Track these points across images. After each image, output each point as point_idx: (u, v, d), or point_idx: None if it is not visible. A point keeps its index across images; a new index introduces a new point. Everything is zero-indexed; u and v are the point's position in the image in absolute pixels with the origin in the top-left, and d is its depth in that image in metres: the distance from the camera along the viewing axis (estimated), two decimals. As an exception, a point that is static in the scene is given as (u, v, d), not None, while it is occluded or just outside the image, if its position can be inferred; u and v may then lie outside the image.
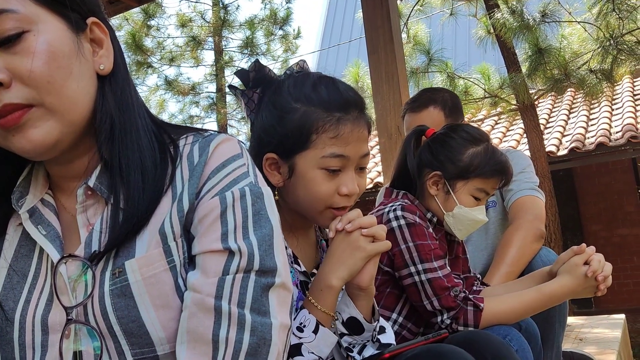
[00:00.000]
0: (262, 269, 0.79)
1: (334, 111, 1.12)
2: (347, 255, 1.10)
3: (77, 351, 0.78)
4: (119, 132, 0.83)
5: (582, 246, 1.50)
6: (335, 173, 1.13)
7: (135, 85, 0.91)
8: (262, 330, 0.76)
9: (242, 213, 0.81)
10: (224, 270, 0.78)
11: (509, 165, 1.64)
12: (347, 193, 1.13)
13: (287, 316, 0.81)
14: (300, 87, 1.15)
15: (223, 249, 0.79)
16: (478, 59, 8.02)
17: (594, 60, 5.65)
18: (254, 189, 0.84)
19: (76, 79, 0.78)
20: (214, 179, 0.83)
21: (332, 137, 1.11)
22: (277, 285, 0.80)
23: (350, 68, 8.22)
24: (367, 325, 1.15)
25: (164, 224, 0.80)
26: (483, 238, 2.27)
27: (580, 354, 2.25)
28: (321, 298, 1.10)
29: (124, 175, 0.81)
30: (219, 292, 0.76)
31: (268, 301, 0.78)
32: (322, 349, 1.09)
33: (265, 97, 1.18)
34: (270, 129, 1.15)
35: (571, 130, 8.09)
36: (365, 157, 1.16)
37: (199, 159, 0.84)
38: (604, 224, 8.63)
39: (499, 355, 1.12)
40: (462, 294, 1.47)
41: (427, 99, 2.27)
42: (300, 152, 1.13)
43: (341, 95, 1.13)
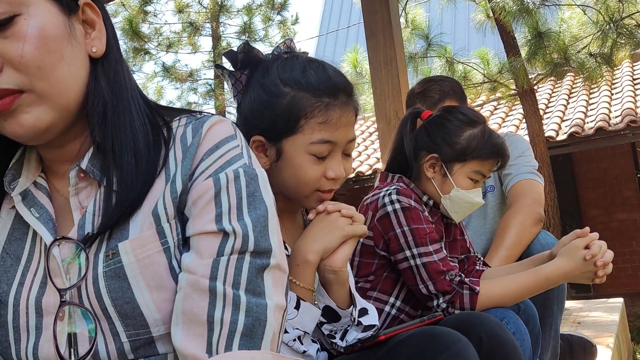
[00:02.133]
0: (256, 250, 0.78)
1: (322, 96, 1.12)
2: (324, 232, 1.11)
3: (72, 333, 0.78)
4: (111, 115, 0.82)
5: (585, 229, 1.50)
6: (322, 158, 1.13)
7: (133, 72, 0.89)
8: (257, 311, 0.76)
9: (236, 194, 0.81)
10: (218, 252, 0.77)
11: (506, 147, 1.63)
12: (334, 177, 1.14)
13: (283, 297, 0.81)
14: (289, 70, 1.15)
15: (217, 230, 0.78)
16: (477, 43, 7.98)
17: (594, 44, 5.62)
18: (248, 170, 0.83)
19: (67, 63, 0.77)
20: (207, 160, 0.82)
21: (321, 122, 1.11)
22: (272, 266, 0.80)
23: (348, 53, 8.18)
24: (342, 312, 1.15)
25: (157, 205, 0.80)
26: (482, 223, 2.27)
27: (578, 336, 2.25)
28: (298, 274, 1.10)
29: (117, 157, 0.81)
30: (213, 273, 0.76)
31: (263, 282, 0.78)
32: (307, 323, 1.09)
33: (253, 78, 1.18)
34: (258, 113, 1.15)
35: (570, 115, 8.06)
36: (352, 142, 1.17)
37: (192, 140, 0.83)
38: (602, 209, 8.64)
39: (494, 336, 1.11)
40: (457, 277, 1.47)
41: (440, 92, 2.24)
42: (288, 137, 1.13)
43: (330, 80, 1.13)
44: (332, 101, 1.12)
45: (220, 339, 0.74)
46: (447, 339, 0.96)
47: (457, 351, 0.94)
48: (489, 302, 1.46)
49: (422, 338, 0.98)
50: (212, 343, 0.74)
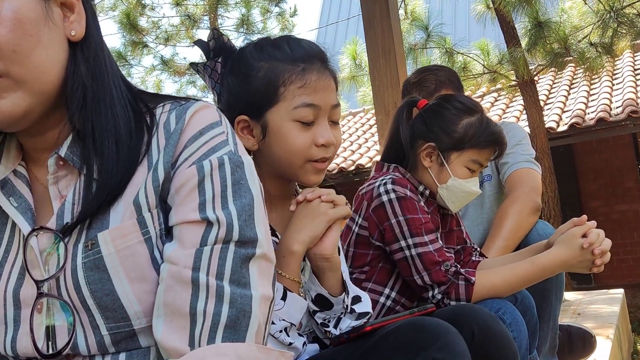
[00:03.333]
0: (241, 240, 0.76)
1: (297, 62, 1.12)
2: (308, 220, 1.10)
3: (50, 326, 0.76)
4: (91, 101, 0.79)
5: (582, 218, 1.47)
6: (309, 125, 1.13)
7: (131, 65, 0.86)
8: (241, 302, 0.73)
9: (220, 182, 0.78)
10: (201, 241, 0.75)
11: (503, 135, 1.60)
12: (324, 143, 1.13)
13: (269, 288, 0.78)
14: (261, 48, 1.16)
15: (201, 219, 0.76)
16: (478, 35, 7.93)
17: (594, 33, 5.57)
18: (233, 157, 0.80)
19: (45, 47, 0.75)
20: (190, 147, 0.79)
21: (300, 86, 1.11)
22: (258, 256, 0.77)
23: (347, 45, 8.13)
24: (334, 300, 1.14)
25: (139, 194, 0.77)
26: (479, 212, 2.24)
27: (577, 327, 2.23)
28: (284, 265, 1.08)
29: (97, 144, 0.78)
30: (196, 263, 0.74)
31: (248, 272, 0.75)
32: (293, 314, 1.07)
33: (228, 64, 1.18)
34: (237, 91, 1.15)
35: (571, 105, 8.02)
36: (336, 108, 1.16)
37: (175, 127, 0.81)
38: (603, 200, 8.61)
39: (486, 328, 1.09)
40: (453, 268, 1.45)
41: (436, 82, 2.21)
42: (270, 108, 1.12)
43: (303, 48, 1.15)
44: (308, 66, 1.12)
45: (203, 331, 0.72)
46: (436, 330, 0.93)
47: (445, 343, 0.91)
48: (485, 292, 1.44)
49: (410, 329, 0.95)
50: (194, 336, 0.72)
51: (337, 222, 1.13)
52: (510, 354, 1.13)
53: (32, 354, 0.76)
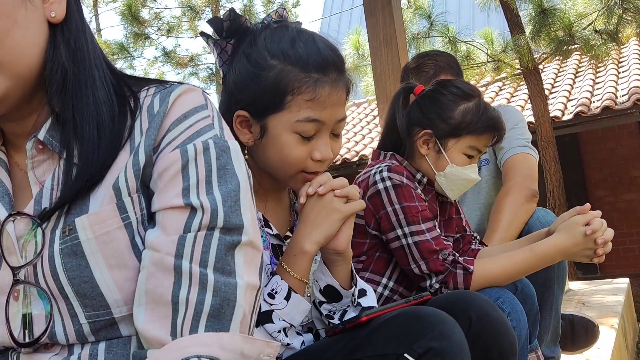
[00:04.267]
0: (226, 226, 0.73)
1: (311, 72, 1.05)
2: (322, 218, 1.05)
3: (27, 314, 0.74)
4: (71, 84, 0.77)
5: (586, 206, 1.44)
6: (309, 139, 1.07)
7: (134, 57, 0.84)
8: (225, 291, 0.71)
9: (205, 167, 0.75)
10: (185, 228, 0.72)
11: (502, 121, 1.57)
12: (320, 159, 1.08)
13: (256, 276, 0.76)
14: (277, 41, 1.07)
15: (184, 204, 0.73)
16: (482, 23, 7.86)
17: (599, 20, 5.50)
18: (219, 141, 0.78)
19: (22, 29, 0.72)
20: (174, 130, 0.77)
21: (308, 99, 1.04)
22: (244, 244, 0.74)
23: (350, 35, 8.08)
24: (345, 292, 1.11)
25: (119, 178, 0.75)
26: (476, 198, 2.21)
27: (580, 316, 2.20)
28: (294, 264, 1.05)
29: (78, 129, 0.76)
30: (179, 250, 0.71)
31: (233, 260, 0.73)
32: (294, 316, 1.04)
33: (240, 48, 1.11)
34: (243, 86, 1.08)
35: (577, 94, 7.95)
36: (341, 122, 1.11)
37: (159, 109, 0.78)
38: (609, 190, 8.54)
39: (484, 315, 1.06)
40: (451, 256, 1.42)
41: (435, 67, 2.17)
42: (273, 113, 1.06)
43: (320, 54, 1.06)
44: (321, 77, 1.05)
45: (185, 320, 0.70)
46: (432, 320, 0.90)
47: (442, 332, 0.89)
48: (484, 281, 1.41)
49: (406, 319, 0.92)
50: (176, 325, 0.70)
51: (351, 216, 1.08)
52: (508, 341, 1.10)
53: (8, 343, 0.74)
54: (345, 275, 1.11)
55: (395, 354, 0.90)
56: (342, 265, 1.10)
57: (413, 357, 0.88)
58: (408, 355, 0.89)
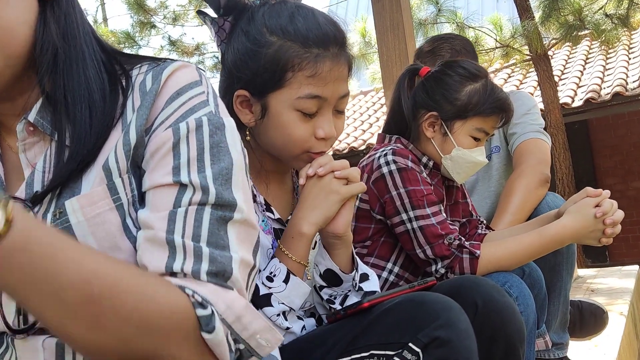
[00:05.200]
0: (218, 203, 0.70)
1: (312, 47, 1.02)
2: (320, 199, 1.03)
3: None
4: (62, 63, 0.74)
5: (598, 190, 1.41)
6: (311, 116, 1.04)
7: (140, 46, 0.81)
8: (222, 262, 0.67)
9: (197, 145, 0.72)
10: (175, 204, 0.69)
11: (510, 101, 1.53)
12: (323, 137, 1.05)
13: (250, 254, 0.72)
14: (276, 17, 1.04)
15: (173, 182, 0.70)
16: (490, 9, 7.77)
17: (610, 5, 5.41)
18: (213, 119, 0.75)
19: (11, 7, 0.70)
20: (167, 109, 0.74)
21: (309, 75, 1.02)
22: (237, 220, 0.71)
23: (357, 23, 8.02)
24: (345, 277, 1.09)
25: (109, 158, 0.72)
26: (486, 185, 2.18)
27: (588, 303, 2.17)
28: (292, 246, 1.03)
29: (70, 109, 0.74)
30: (170, 226, 0.68)
31: (227, 235, 0.69)
32: (293, 299, 1.02)
33: (238, 26, 1.08)
34: (242, 64, 1.06)
35: (587, 80, 7.86)
36: (344, 98, 1.08)
37: (151, 87, 0.75)
38: (619, 177, 8.46)
39: (490, 300, 1.03)
40: (457, 241, 1.39)
41: (452, 50, 2.11)
42: (274, 91, 1.04)
43: (320, 29, 1.03)
44: (322, 52, 1.02)
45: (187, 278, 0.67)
46: (437, 307, 0.88)
47: (448, 320, 0.86)
48: (491, 266, 1.38)
49: (410, 306, 0.90)
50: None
51: (351, 199, 1.06)
52: (515, 327, 1.08)
53: (2, 329, 0.73)
54: (345, 259, 1.09)
55: (399, 343, 0.88)
56: (342, 249, 1.08)
57: (418, 347, 0.86)
58: (413, 344, 0.87)
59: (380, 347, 0.90)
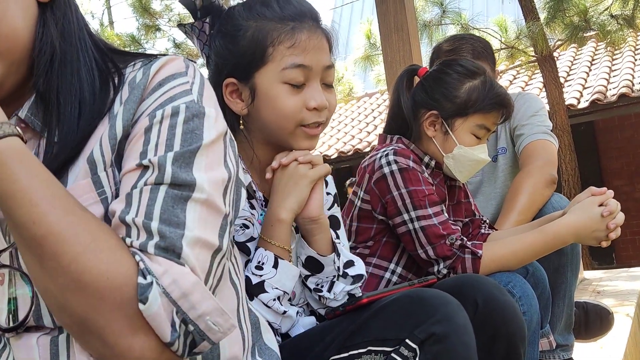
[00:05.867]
0: (174, 182, 0.67)
1: (287, 21, 1.07)
2: (290, 186, 1.07)
3: (13, 298, 0.72)
4: (58, 64, 0.74)
5: (603, 189, 1.41)
6: (299, 87, 1.07)
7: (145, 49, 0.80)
8: (171, 237, 0.64)
9: (168, 130, 0.70)
10: (132, 186, 0.68)
11: (509, 97, 1.52)
12: (315, 106, 1.07)
13: (215, 236, 0.68)
14: (249, 7, 1.10)
15: (136, 166, 0.69)
16: (496, 11, 7.75)
17: (615, 5, 5.39)
18: (193, 106, 0.73)
19: (12, 15, 0.70)
20: (148, 99, 0.73)
21: (289, 46, 1.05)
22: (197, 200, 0.68)
23: (362, 25, 8.03)
24: (324, 260, 1.09)
25: (94, 151, 0.72)
26: (492, 187, 2.16)
27: (594, 304, 2.16)
28: (274, 233, 1.06)
29: (61, 109, 0.73)
30: (126, 207, 0.66)
31: (184, 214, 0.66)
32: (285, 282, 1.04)
33: (216, 25, 1.13)
34: (224, 52, 1.10)
35: (593, 82, 7.82)
36: (329, 69, 1.10)
37: (139, 82, 0.75)
38: (626, 179, 8.42)
39: (491, 299, 1.03)
40: (459, 241, 1.38)
41: (473, 52, 2.09)
42: (258, 70, 1.07)
43: (294, 6, 1.09)
44: (297, 24, 1.07)
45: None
46: (434, 302, 0.87)
47: (445, 315, 0.85)
48: (494, 265, 1.37)
49: (408, 301, 0.89)
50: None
51: (319, 182, 1.10)
52: (516, 326, 1.07)
53: None
54: (325, 245, 1.11)
55: (396, 339, 0.87)
56: (320, 235, 1.10)
57: (415, 343, 0.86)
58: (409, 341, 0.86)
59: (378, 344, 0.89)
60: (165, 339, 0.62)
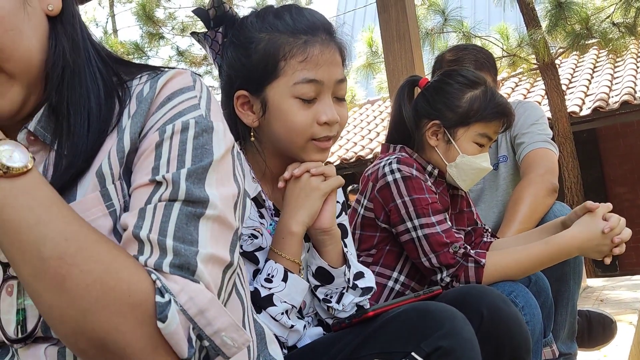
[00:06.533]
0: (188, 199, 0.68)
1: (300, 34, 1.06)
2: (302, 198, 1.06)
3: (22, 309, 0.72)
4: (68, 76, 0.75)
5: (595, 204, 1.41)
6: (311, 102, 1.07)
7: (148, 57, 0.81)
8: (186, 255, 0.65)
9: (179, 146, 0.71)
10: (146, 201, 0.69)
11: (510, 106, 1.54)
12: (326, 121, 1.07)
13: (226, 252, 0.70)
14: (262, 18, 1.10)
15: (149, 181, 0.70)
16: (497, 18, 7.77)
17: (617, 13, 5.41)
18: (202, 121, 0.74)
19: (27, 37, 0.71)
20: (157, 113, 0.74)
21: (301, 60, 1.05)
22: (210, 217, 0.69)
23: (364, 33, 8.05)
24: (335, 272, 1.10)
25: (102, 165, 0.73)
26: (493, 195, 2.17)
27: (597, 312, 2.15)
28: (284, 246, 1.06)
29: (71, 121, 0.74)
30: (139, 222, 0.67)
31: (197, 231, 0.67)
32: (294, 296, 1.04)
33: (229, 36, 1.13)
34: (237, 64, 1.10)
35: (595, 89, 7.83)
36: (342, 83, 1.10)
37: (146, 95, 0.76)
38: (629, 186, 8.40)
39: (496, 310, 1.03)
40: (462, 250, 1.38)
41: (476, 62, 2.10)
42: (270, 83, 1.06)
43: (307, 19, 1.08)
44: (310, 38, 1.06)
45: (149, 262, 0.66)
46: (441, 316, 0.87)
47: (451, 330, 0.86)
48: (497, 275, 1.37)
49: (414, 314, 0.90)
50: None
51: (332, 193, 1.10)
52: (521, 337, 1.07)
53: (1, 338, 0.73)
54: (335, 256, 1.11)
55: (402, 352, 0.87)
56: (331, 246, 1.10)
57: (421, 357, 0.86)
58: (415, 354, 0.86)
59: (384, 356, 0.89)
60: (183, 356, 0.63)
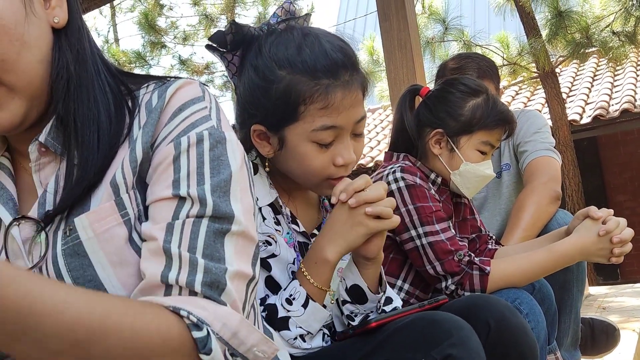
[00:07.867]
0: (215, 215, 0.71)
1: (321, 78, 1.01)
2: (346, 229, 1.01)
3: None
4: (74, 88, 0.76)
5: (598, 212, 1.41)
6: (329, 145, 1.05)
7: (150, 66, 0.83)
8: (216, 273, 0.68)
9: (197, 158, 0.73)
10: (173, 216, 0.71)
11: (512, 113, 1.56)
12: (343, 164, 1.06)
13: (248, 266, 0.73)
14: (283, 49, 1.03)
15: (172, 195, 0.72)
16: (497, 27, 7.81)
17: (617, 22, 5.44)
18: (215, 132, 0.76)
19: (30, 48, 0.72)
20: (170, 124, 0.76)
21: (322, 108, 1.01)
22: (235, 233, 0.72)
23: (365, 41, 8.09)
24: (372, 296, 1.07)
25: (116, 174, 0.74)
26: (497, 203, 2.18)
27: (600, 320, 2.15)
28: (315, 271, 1.01)
29: (79, 132, 0.75)
30: (167, 236, 0.69)
31: (223, 248, 0.70)
32: (312, 323, 1.01)
33: (247, 60, 1.08)
34: (254, 101, 1.06)
35: (595, 97, 7.86)
36: (361, 121, 1.07)
37: (156, 105, 0.77)
38: (630, 194, 8.41)
39: (503, 320, 1.02)
40: (466, 257, 1.39)
41: (479, 70, 2.12)
42: (288, 125, 1.04)
43: (328, 58, 1.02)
44: (332, 82, 1.01)
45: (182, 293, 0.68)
46: (449, 326, 0.87)
47: (458, 339, 0.85)
48: (501, 282, 1.38)
49: (423, 324, 0.89)
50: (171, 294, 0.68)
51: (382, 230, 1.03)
52: (528, 347, 1.07)
53: None
54: (373, 278, 1.08)
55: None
56: (371, 269, 1.07)
57: None
58: None
59: None
60: None
